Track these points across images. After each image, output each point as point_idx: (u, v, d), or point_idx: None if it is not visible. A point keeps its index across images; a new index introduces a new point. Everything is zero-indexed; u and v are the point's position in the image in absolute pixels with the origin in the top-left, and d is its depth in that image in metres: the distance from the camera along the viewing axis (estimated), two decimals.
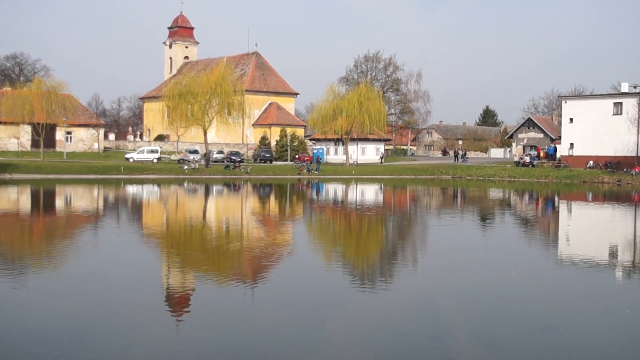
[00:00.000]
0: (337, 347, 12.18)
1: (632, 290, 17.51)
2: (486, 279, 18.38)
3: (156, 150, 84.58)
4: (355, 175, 74.26)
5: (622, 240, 27.76)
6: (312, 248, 25.42)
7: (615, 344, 12.39)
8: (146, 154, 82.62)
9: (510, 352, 11.85)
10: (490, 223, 34.85)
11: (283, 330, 13.07)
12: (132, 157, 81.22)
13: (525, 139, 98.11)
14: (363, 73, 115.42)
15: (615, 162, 73.38)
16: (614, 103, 76.44)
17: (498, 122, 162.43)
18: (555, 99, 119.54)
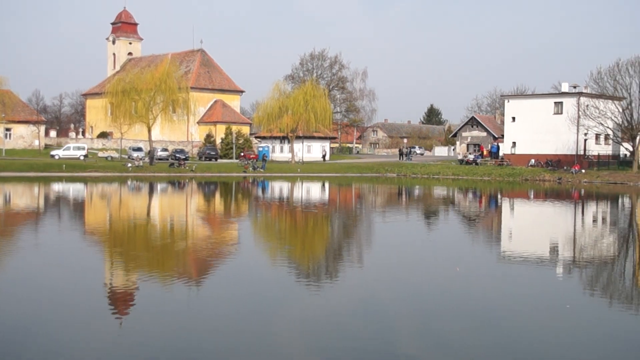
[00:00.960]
0: (283, 343, 12.13)
1: (572, 286, 17.83)
2: (431, 274, 18.51)
3: (82, 147, 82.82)
4: (300, 173, 74.23)
5: (563, 236, 28.28)
6: (257, 246, 25.32)
7: (557, 339, 12.58)
8: (72, 151, 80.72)
9: (453, 346, 11.94)
10: (434, 220, 35.16)
11: (229, 327, 12.95)
12: (57, 154, 79.11)
13: (469, 138, 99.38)
14: (309, 71, 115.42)
15: (556, 160, 74.74)
16: (555, 102, 77.86)
17: (442, 121, 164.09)
18: (498, 98, 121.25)
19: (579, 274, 19.54)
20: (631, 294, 16.97)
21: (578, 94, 75.26)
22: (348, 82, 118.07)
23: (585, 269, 20.32)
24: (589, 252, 24.02)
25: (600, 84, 71.30)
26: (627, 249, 25.38)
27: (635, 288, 17.73)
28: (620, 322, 13.83)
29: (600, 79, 71.09)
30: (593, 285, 17.96)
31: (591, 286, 17.79)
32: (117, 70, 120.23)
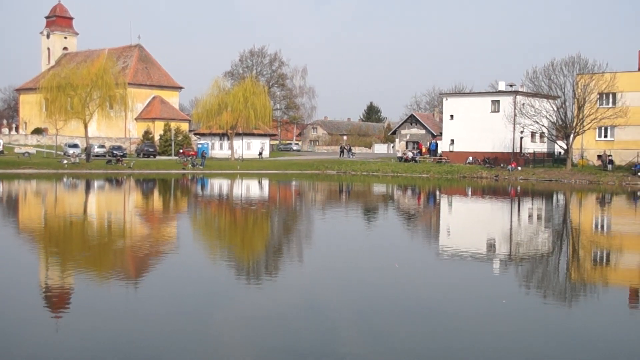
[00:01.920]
0: (223, 341, 12.00)
1: (508, 281, 18.09)
2: (370, 271, 18.57)
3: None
4: (240, 170, 73.87)
5: (500, 233, 28.73)
6: (196, 243, 25.09)
7: (493, 334, 12.73)
8: None
9: (393, 342, 11.98)
10: (374, 217, 35.33)
11: (168, 326, 12.77)
12: None
13: (408, 135, 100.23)
14: (248, 68, 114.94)
15: (493, 158, 75.92)
16: (492, 101, 79.06)
17: (382, 118, 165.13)
18: (436, 96, 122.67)
19: (515, 270, 19.84)
20: (565, 288, 17.30)
21: (514, 92, 76.52)
22: (288, 79, 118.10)
23: (521, 264, 20.66)
24: (524, 247, 24.43)
25: (536, 83, 72.67)
26: (561, 244, 25.90)
27: (568, 282, 18.09)
28: (554, 317, 14.07)
29: (535, 78, 72.46)
30: (529, 280, 18.26)
31: (527, 281, 18.08)
32: (52, 65, 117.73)
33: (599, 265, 21.11)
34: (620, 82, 69.31)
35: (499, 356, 11.41)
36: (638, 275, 19.58)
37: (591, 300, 16.09)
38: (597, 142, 73.17)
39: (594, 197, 49.50)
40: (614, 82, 68.52)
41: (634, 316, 14.74)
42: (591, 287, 17.54)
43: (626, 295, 16.83)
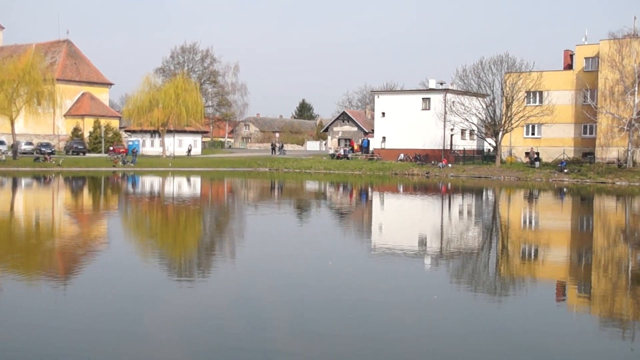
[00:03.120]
0: (155, 341, 11.80)
1: (439, 277, 18.31)
2: (303, 269, 18.56)
3: None
4: (172, 167, 73.08)
5: (431, 229, 29.08)
6: (127, 242, 24.70)
7: (425, 329, 12.85)
8: None
9: (326, 340, 11.98)
10: (306, 214, 35.37)
11: (98, 326, 12.50)
12: None
13: (340, 132, 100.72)
14: (180, 64, 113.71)
15: (424, 155, 76.84)
16: (423, 98, 80.00)
17: (314, 116, 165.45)
18: (368, 93, 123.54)
19: (446, 265, 20.10)
20: (494, 284, 17.60)
21: (445, 90, 77.61)
22: (220, 76, 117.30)
23: (452, 260, 20.94)
24: (455, 243, 24.77)
25: (466, 81, 73.86)
26: (491, 240, 26.36)
27: (497, 278, 18.41)
28: (484, 312, 14.29)
29: (465, 76, 73.63)
30: (459, 276, 18.51)
31: (457, 277, 18.33)
32: None
33: (527, 260, 21.54)
34: (547, 81, 71.04)
35: (430, 351, 11.52)
36: (564, 269, 20.06)
37: (520, 294, 16.40)
38: (524, 139, 74.77)
39: (522, 194, 50.57)
40: (541, 80, 70.20)
41: (560, 310, 15.09)
42: (520, 281, 17.89)
43: (553, 290, 17.23)
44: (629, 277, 18.76)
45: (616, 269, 20.24)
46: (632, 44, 63.84)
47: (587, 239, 27.59)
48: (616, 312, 14.79)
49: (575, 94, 71.67)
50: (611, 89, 64.96)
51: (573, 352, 11.68)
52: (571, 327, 13.39)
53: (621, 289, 17.14)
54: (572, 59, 73.65)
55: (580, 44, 71.86)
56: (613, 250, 24.33)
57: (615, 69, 64.19)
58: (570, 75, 72.30)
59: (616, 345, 12.17)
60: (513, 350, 11.62)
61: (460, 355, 11.36)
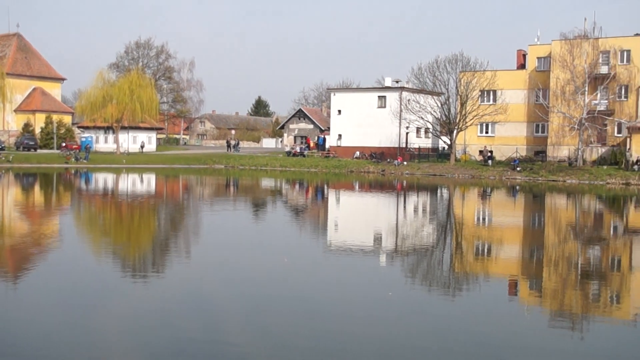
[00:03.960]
0: (108, 339, 11.67)
1: (394, 274, 18.43)
2: (259, 266, 18.52)
3: None
4: (126, 164, 72.33)
5: (386, 226, 29.25)
6: (80, 239, 24.39)
7: (380, 326, 12.92)
8: None
9: (280, 337, 11.97)
10: (262, 212, 35.31)
11: (50, 323, 12.32)
12: None
13: (296, 130, 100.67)
14: (134, 60, 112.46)
15: (379, 153, 77.17)
16: (379, 96, 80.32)
17: (270, 113, 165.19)
18: (324, 91, 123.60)
19: (401, 262, 20.24)
20: (448, 280, 17.78)
21: (400, 88, 78.02)
22: (175, 72, 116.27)
23: (407, 257, 21.10)
24: (410, 240, 24.97)
25: (421, 79, 74.36)
26: (445, 237, 26.62)
27: (452, 274, 18.59)
28: (438, 308, 14.41)
29: (420, 74, 74.14)
30: (414, 273, 18.65)
31: (412, 274, 18.46)
32: None
33: (480, 257, 21.80)
34: (500, 80, 71.93)
35: (383, 346, 11.58)
36: (517, 266, 20.35)
37: (473, 291, 16.58)
38: (479, 137, 75.59)
39: (476, 191, 51.13)
40: (495, 80, 71.07)
41: (512, 305, 15.30)
42: (473, 278, 18.09)
43: (505, 286, 17.46)
44: (579, 272, 19.11)
45: (566, 265, 20.60)
46: (583, 44, 64.97)
47: (539, 236, 28.02)
48: (566, 307, 15.05)
49: (528, 93, 72.68)
50: (562, 89, 66.05)
51: (525, 346, 11.84)
52: (523, 322, 13.58)
53: (571, 285, 17.44)
54: (525, 58, 74.69)
55: (532, 44, 72.89)
56: (563, 246, 24.75)
57: (566, 69, 65.29)
58: (523, 75, 73.30)
59: (567, 338, 12.38)
60: (465, 346, 11.74)
61: (413, 351, 11.44)
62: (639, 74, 65.77)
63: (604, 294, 16.45)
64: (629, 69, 65.73)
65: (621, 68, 65.98)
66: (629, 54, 66.38)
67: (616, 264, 21.19)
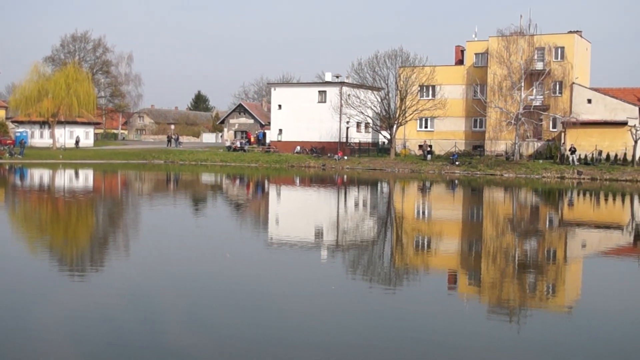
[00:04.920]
0: (44, 337, 11.44)
1: (336, 268, 18.51)
2: (200, 262, 18.40)
3: None
4: (63, 159, 70.97)
5: (327, 221, 29.35)
6: (14, 237, 23.86)
7: (322, 320, 12.97)
8: None
9: (221, 334, 11.92)
10: (203, 207, 35.08)
11: None
12: None
13: (236, 124, 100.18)
14: (70, 53, 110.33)
15: (320, 148, 77.39)
16: (319, 91, 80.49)
17: (210, 108, 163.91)
18: (265, 85, 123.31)
19: (343, 256, 20.33)
20: (389, 273, 17.94)
21: (340, 83, 78.32)
22: (113, 66, 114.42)
23: (349, 251, 21.21)
24: (352, 235, 25.11)
25: (361, 74, 74.83)
26: (386, 231, 26.85)
27: (392, 268, 18.76)
28: (380, 301, 14.53)
29: (360, 70, 74.58)
30: (356, 266, 18.76)
31: (354, 267, 18.57)
32: None
33: (420, 250, 22.05)
34: (439, 75, 72.81)
35: (326, 340, 11.62)
36: (456, 259, 20.65)
37: (413, 284, 16.77)
38: (418, 132, 76.42)
39: (415, 185, 51.68)
40: (433, 75, 71.89)
41: (451, 298, 15.53)
42: (413, 271, 18.30)
43: (445, 278, 17.71)
44: (516, 264, 19.49)
45: (504, 257, 20.99)
46: (519, 41, 66.19)
47: (478, 229, 28.48)
48: (504, 298, 15.34)
49: (466, 88, 73.72)
50: (500, 84, 67.19)
51: (464, 337, 12.02)
52: (462, 313, 13.79)
53: (509, 276, 17.78)
54: (463, 54, 75.76)
55: (470, 40, 73.95)
56: (501, 239, 25.21)
57: (503, 65, 66.43)
58: (461, 71, 74.33)
59: (505, 329, 12.60)
60: (406, 339, 11.86)
61: (354, 344, 11.51)
62: (573, 71, 67.35)
63: (540, 285, 16.83)
64: (563, 65, 67.22)
65: (556, 64, 67.44)
66: (563, 50, 67.92)
67: (551, 255, 21.69)
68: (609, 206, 39.35)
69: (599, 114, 65.43)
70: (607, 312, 14.01)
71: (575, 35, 68.60)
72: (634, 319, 13.57)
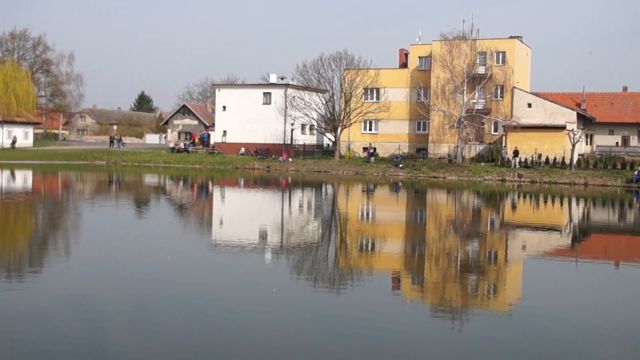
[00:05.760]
0: None
1: (279, 270, 18.47)
2: (142, 265, 18.18)
3: None
4: (0, 160, 69.37)
5: (271, 223, 29.28)
6: None
7: (263, 322, 12.91)
8: None
9: (165, 337, 11.79)
10: (145, 209, 34.68)
11: None
12: None
13: (180, 126, 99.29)
14: (9, 52, 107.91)
15: (265, 149, 77.20)
16: (264, 93, 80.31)
17: (153, 108, 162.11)
18: (209, 86, 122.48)
19: (286, 259, 20.30)
20: (333, 276, 17.97)
21: (285, 85, 78.24)
22: (53, 65, 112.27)
23: (292, 253, 21.19)
24: (295, 237, 25.08)
25: (306, 76, 74.77)
26: (330, 233, 26.91)
27: (336, 270, 18.80)
28: (323, 303, 14.54)
29: (305, 72, 74.56)
30: (299, 268, 18.74)
31: (297, 269, 18.55)
32: None
33: (364, 252, 22.15)
34: (383, 78, 73.28)
35: (266, 342, 11.58)
36: (399, 261, 20.80)
37: (357, 286, 16.83)
38: (362, 134, 76.77)
39: (360, 188, 51.92)
40: (378, 78, 72.32)
41: (395, 299, 15.62)
42: (357, 273, 18.37)
43: (389, 280, 17.81)
44: (458, 266, 19.73)
45: (447, 259, 21.22)
46: (461, 45, 67.09)
47: (421, 231, 28.75)
48: (447, 299, 15.50)
49: (410, 91, 74.34)
50: (443, 88, 67.97)
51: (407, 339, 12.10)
52: (405, 315, 13.88)
53: (451, 278, 17.97)
54: (407, 57, 76.38)
55: (414, 44, 74.63)
56: (444, 241, 25.48)
57: (446, 69, 67.23)
58: (405, 74, 74.94)
59: (447, 329, 12.73)
60: (349, 340, 11.88)
61: (295, 346, 11.49)
62: (514, 75, 68.52)
63: (482, 286, 17.06)
64: (504, 69, 68.32)
65: (497, 69, 68.52)
66: (504, 55, 69.03)
67: (493, 257, 22.01)
68: (548, 208, 40.11)
69: (538, 118, 66.69)
70: (546, 311, 14.26)
71: (516, 40, 69.79)
72: (572, 317, 13.85)
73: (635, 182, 54.21)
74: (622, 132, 73.65)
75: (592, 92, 76.30)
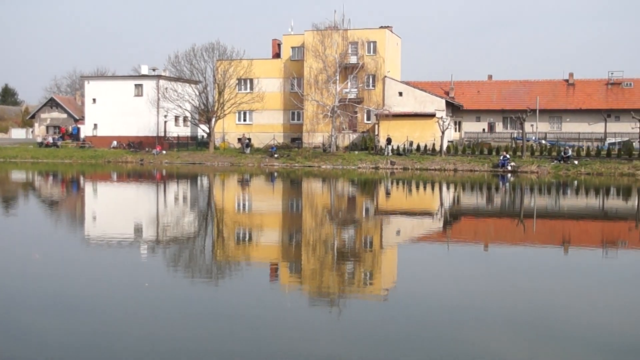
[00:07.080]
0: None
1: (155, 265, 18.12)
2: (5, 263, 17.44)
3: None
4: None
5: (146, 217, 28.74)
6: None
7: (134, 319, 12.66)
8: None
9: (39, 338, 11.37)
10: (11, 206, 33.29)
11: None
12: None
13: (48, 119, 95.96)
14: None
15: (138, 142, 75.79)
16: (135, 85, 78.81)
17: (19, 102, 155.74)
18: (78, 79, 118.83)
19: (162, 253, 19.96)
20: (210, 268, 17.82)
21: (157, 76, 77.09)
22: None
23: (168, 247, 20.85)
24: (170, 230, 24.71)
25: (178, 67, 73.93)
26: (206, 226, 26.68)
27: (214, 263, 18.65)
28: (200, 296, 14.39)
29: (177, 63, 73.68)
30: (175, 262, 18.47)
31: (173, 263, 18.27)
32: None
33: (242, 243, 22.07)
34: (257, 68, 73.31)
35: (139, 337, 11.36)
36: (277, 251, 20.87)
37: (235, 277, 16.76)
38: (237, 125, 76.52)
39: (235, 179, 51.74)
40: (251, 68, 72.28)
41: (273, 288, 15.66)
42: (235, 264, 18.28)
43: (267, 271, 17.83)
44: (335, 253, 19.98)
45: (323, 247, 21.44)
46: (333, 35, 67.92)
47: (297, 220, 28.93)
48: (324, 287, 15.66)
49: (283, 82, 74.63)
50: (316, 78, 68.66)
51: (285, 323, 12.16)
52: (283, 304, 13.93)
53: (328, 266, 18.17)
54: (280, 48, 76.62)
55: (287, 34, 74.92)
56: (320, 229, 25.73)
57: (318, 59, 67.92)
58: (279, 64, 75.15)
59: (326, 315, 12.87)
60: (229, 333, 11.82)
61: (172, 340, 11.31)
62: (385, 65, 69.96)
63: (358, 272, 17.33)
64: (375, 59, 69.66)
65: (369, 58, 69.78)
66: (375, 45, 70.36)
67: (368, 243, 22.42)
68: (420, 194, 41.23)
69: (409, 106, 68.42)
70: (420, 294, 14.65)
71: (386, 30, 71.25)
72: (446, 299, 14.29)
73: (501, 166, 56.54)
74: (488, 119, 76.80)
75: (460, 81, 79.06)
